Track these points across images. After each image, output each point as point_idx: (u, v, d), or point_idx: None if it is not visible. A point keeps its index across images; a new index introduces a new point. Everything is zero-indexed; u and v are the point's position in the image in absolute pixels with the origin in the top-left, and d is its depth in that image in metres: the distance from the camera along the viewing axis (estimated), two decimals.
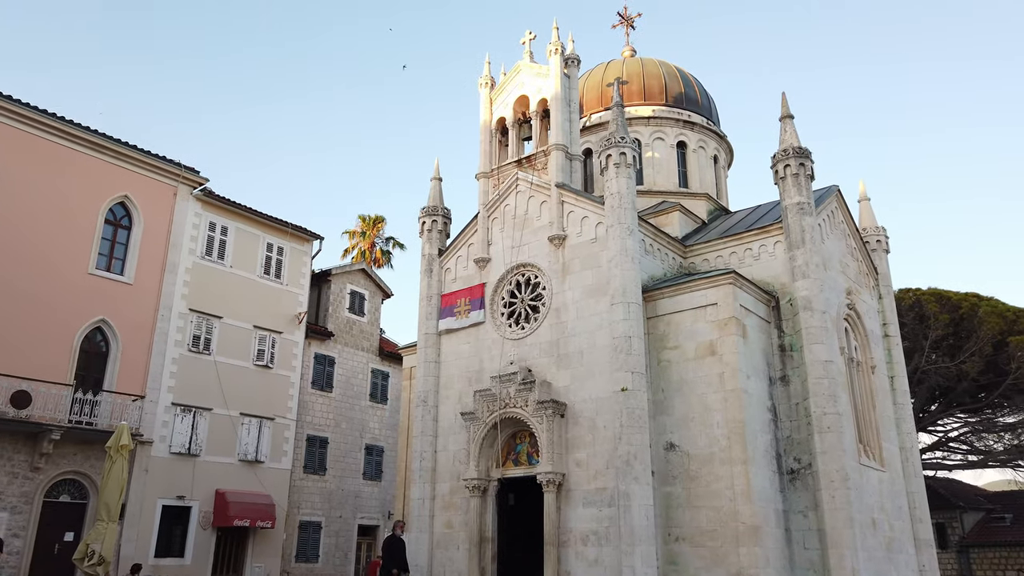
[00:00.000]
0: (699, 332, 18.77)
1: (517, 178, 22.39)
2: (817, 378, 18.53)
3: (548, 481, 18.75)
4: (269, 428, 29.89)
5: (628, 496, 17.12)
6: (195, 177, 29.25)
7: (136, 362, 26.43)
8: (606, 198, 19.74)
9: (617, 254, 19.01)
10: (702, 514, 17.56)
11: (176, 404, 27.12)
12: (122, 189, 27.35)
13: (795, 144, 20.58)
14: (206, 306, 28.76)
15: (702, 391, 18.33)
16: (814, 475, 18.23)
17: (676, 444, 18.40)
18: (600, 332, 19.38)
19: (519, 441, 20.35)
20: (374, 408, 35.41)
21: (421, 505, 21.15)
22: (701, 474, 17.82)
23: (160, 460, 26.38)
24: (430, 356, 22.54)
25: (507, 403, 19.95)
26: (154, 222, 28.02)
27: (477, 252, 22.67)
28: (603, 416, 18.72)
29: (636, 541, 16.77)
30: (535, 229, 21.67)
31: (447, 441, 21.69)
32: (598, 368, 19.19)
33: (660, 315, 19.43)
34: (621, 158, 19.73)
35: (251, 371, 29.77)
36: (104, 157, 26.97)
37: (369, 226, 56.86)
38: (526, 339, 20.90)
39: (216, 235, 29.82)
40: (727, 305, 18.43)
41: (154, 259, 27.78)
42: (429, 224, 23.94)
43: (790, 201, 20.13)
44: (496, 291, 22.08)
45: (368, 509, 34.03)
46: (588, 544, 18.10)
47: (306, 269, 33.27)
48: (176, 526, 26.62)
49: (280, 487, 29.88)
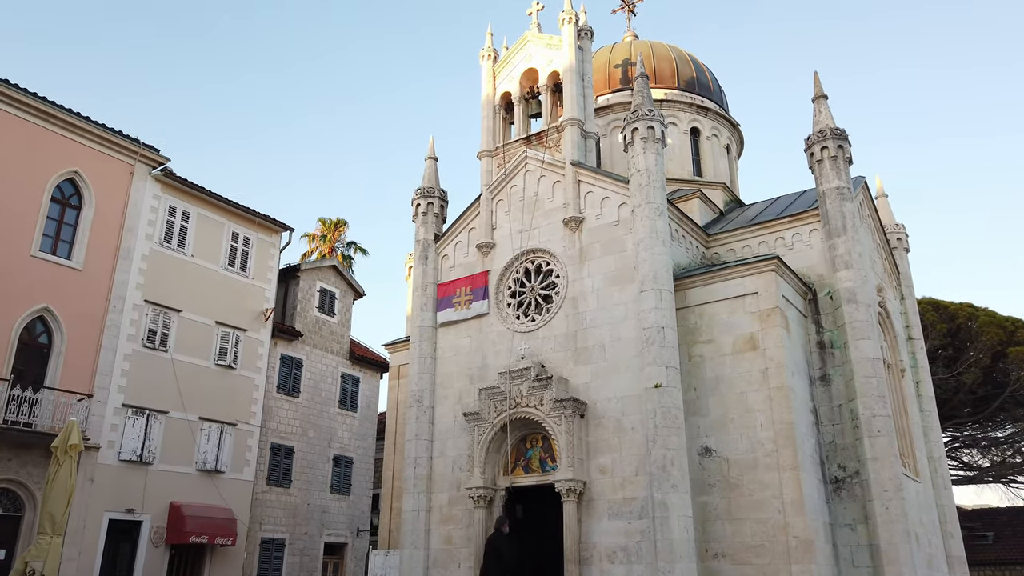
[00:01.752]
0: (737, 324, 16.90)
1: (526, 156, 20.34)
2: (865, 377, 16.80)
3: (568, 490, 16.58)
4: (231, 435, 27.03)
5: (665, 506, 15.05)
6: (154, 156, 26.43)
7: (83, 357, 23.42)
8: (632, 175, 17.81)
9: (646, 236, 17.06)
10: (746, 527, 15.58)
11: (127, 405, 24.14)
12: (71, 164, 24.42)
13: (831, 125, 18.99)
14: (163, 298, 25.89)
15: (742, 389, 16.42)
16: (863, 484, 16.43)
17: (712, 448, 16.43)
18: (625, 323, 17.37)
19: (530, 445, 18.13)
20: (343, 416, 32.71)
21: (415, 518, 18.72)
22: (743, 482, 15.87)
23: (108, 468, 23.35)
24: (426, 351, 20.20)
25: (518, 402, 17.75)
26: (107, 203, 25.11)
27: (480, 237, 20.49)
28: (631, 416, 16.66)
29: (675, 558, 14.68)
30: (547, 211, 19.61)
31: (445, 446, 19.34)
32: (623, 363, 17.16)
33: (691, 306, 17.52)
34: (649, 132, 17.85)
35: (212, 371, 26.92)
36: (51, 127, 24.03)
37: (330, 229, 54.35)
38: (537, 332, 18.76)
39: (176, 220, 27.00)
40: (770, 294, 16.61)
41: (106, 244, 24.85)
42: (424, 207, 21.68)
43: (828, 186, 18.49)
44: (502, 279, 19.93)
45: (336, 525, 31.24)
46: (615, 561, 15.94)
47: (274, 262, 30.58)
48: (124, 543, 23.56)
49: (242, 500, 26.99)
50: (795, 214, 19.11)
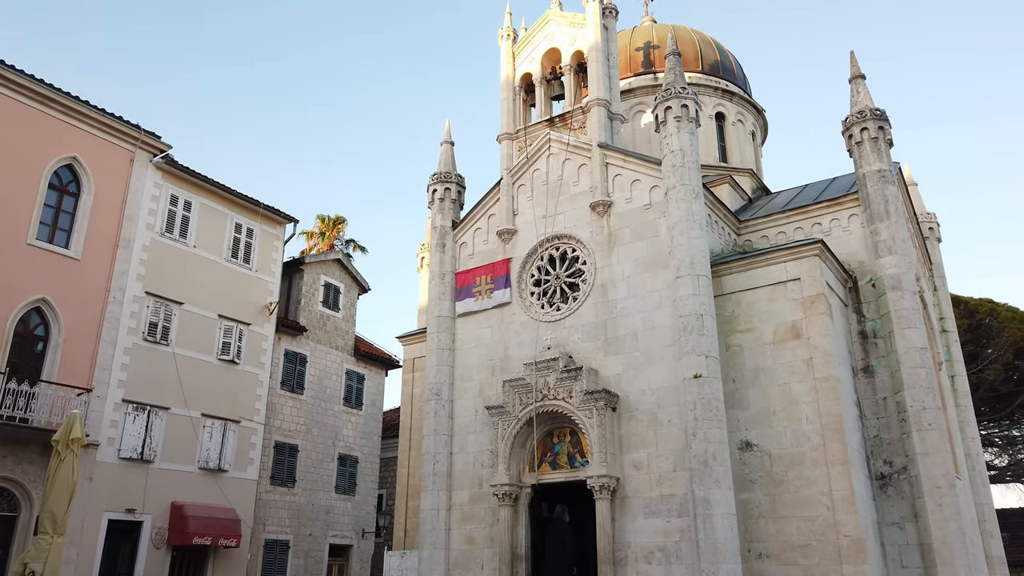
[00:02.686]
0: (778, 312, 16.04)
1: (549, 139, 19.44)
2: (912, 367, 15.95)
3: (601, 487, 15.67)
4: (234, 432, 26.01)
5: (708, 504, 14.16)
6: (155, 143, 25.41)
7: (81, 350, 22.38)
8: (665, 156, 16.94)
9: (681, 220, 16.18)
10: (791, 525, 14.70)
11: (128, 401, 23.10)
12: (70, 149, 23.39)
13: (871, 105, 18.17)
14: (165, 290, 24.87)
15: (784, 380, 15.56)
16: (911, 480, 15.58)
17: (753, 443, 15.55)
18: (659, 311, 16.49)
19: (557, 440, 17.22)
20: (348, 414, 31.71)
21: (435, 517, 17.78)
22: (788, 478, 14.99)
23: (107, 466, 22.30)
24: (444, 343, 19.26)
25: (545, 394, 16.84)
26: (106, 190, 24.08)
27: (500, 223, 19.59)
28: (667, 409, 15.77)
29: (720, 558, 13.78)
30: (572, 196, 18.72)
31: (465, 441, 18.41)
32: (658, 353, 16.27)
33: (727, 293, 16.66)
34: (682, 111, 16.98)
35: (215, 366, 25.90)
36: (49, 111, 22.99)
37: (328, 227, 53.35)
38: (564, 321, 17.86)
39: (178, 210, 25.99)
40: (813, 280, 15.75)
41: (105, 233, 23.81)
42: (441, 192, 20.74)
43: (869, 168, 17.66)
44: (525, 267, 19.02)
45: (341, 526, 30.23)
46: (652, 562, 15.04)
47: (278, 255, 29.59)
48: (124, 544, 22.51)
49: (245, 500, 25.95)
50: (833, 199, 18.27)
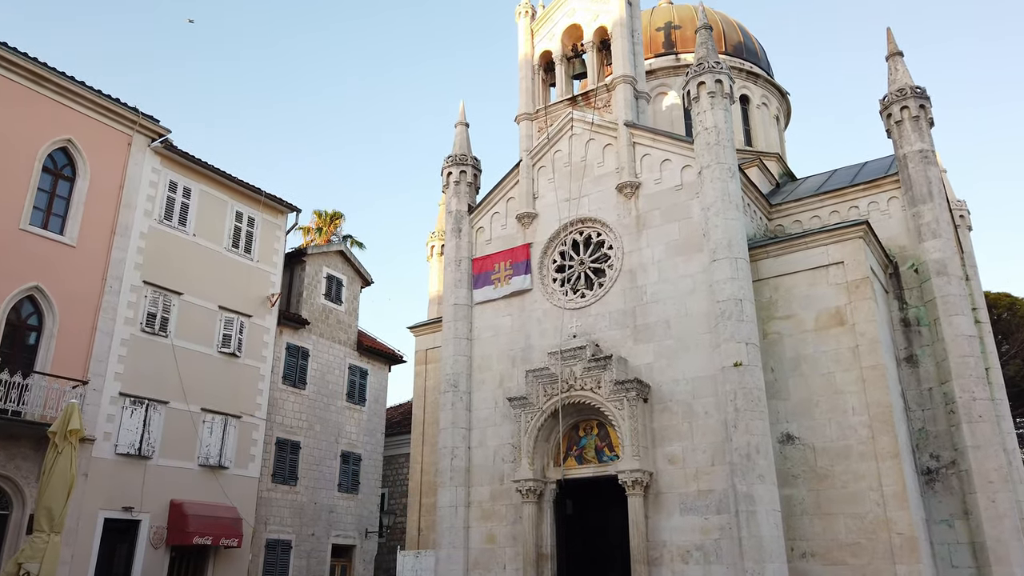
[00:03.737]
0: (819, 297, 15.18)
1: (572, 118, 18.55)
2: (961, 356, 15.13)
3: (634, 482, 14.77)
4: (235, 428, 24.99)
5: (751, 499, 13.28)
6: (154, 126, 24.37)
7: (77, 341, 21.34)
8: (699, 134, 16.08)
9: (717, 200, 15.31)
10: (838, 523, 13.84)
11: (125, 394, 22.06)
12: (65, 132, 22.34)
13: (911, 83, 17.36)
14: (164, 279, 23.83)
15: (828, 369, 14.70)
16: (961, 475, 14.75)
17: (795, 435, 14.69)
18: (693, 297, 15.61)
19: (583, 433, 16.32)
20: (351, 410, 30.71)
21: (453, 514, 16.84)
22: (833, 472, 14.13)
23: (103, 462, 21.25)
24: (461, 331, 18.34)
25: (571, 385, 15.93)
26: (103, 175, 23.04)
27: (520, 207, 18.68)
28: (703, 400, 14.90)
29: (765, 557, 12.90)
30: (597, 177, 17.83)
31: (484, 435, 17.49)
32: (692, 341, 15.40)
33: (764, 278, 15.80)
34: (716, 86, 16.13)
35: (215, 359, 24.89)
36: (43, 91, 21.94)
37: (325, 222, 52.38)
38: (589, 308, 16.97)
39: (177, 197, 24.97)
40: (858, 263, 14.91)
41: (102, 219, 22.77)
42: (456, 175, 19.81)
43: (910, 149, 16.84)
44: (546, 252, 18.12)
45: (343, 526, 29.23)
46: (690, 561, 14.15)
47: (279, 245, 28.57)
48: (121, 544, 21.47)
49: (247, 498, 24.93)
50: (871, 180, 17.44)
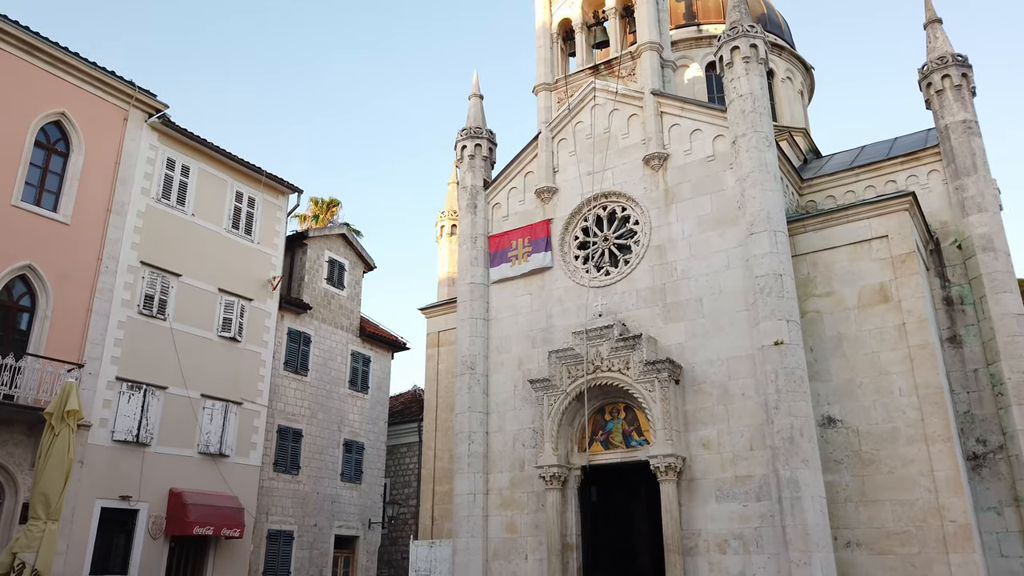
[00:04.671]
0: (862, 274, 14.39)
1: (594, 88, 17.67)
2: (1009, 336, 14.39)
3: (667, 467, 13.95)
4: (236, 415, 24.08)
5: (795, 485, 12.50)
6: (151, 101, 23.35)
7: (71, 323, 20.37)
8: (733, 101, 15.23)
9: (754, 170, 14.49)
10: (885, 510, 13.07)
11: (122, 379, 21.12)
12: (58, 104, 21.34)
13: (951, 51, 16.56)
14: (162, 260, 22.88)
15: (872, 349, 13.91)
16: (1010, 461, 14.01)
17: (837, 418, 13.90)
18: (728, 273, 14.80)
19: (610, 417, 15.49)
20: (354, 397, 29.85)
21: (471, 502, 16.00)
22: (879, 457, 13.35)
23: (100, 449, 20.33)
24: (477, 312, 17.48)
25: (597, 366, 15.11)
26: (98, 151, 22.05)
27: (539, 181, 17.82)
28: (740, 381, 14.10)
29: (811, 546, 12.13)
30: (621, 149, 16.97)
31: (503, 419, 16.65)
32: (727, 319, 14.58)
33: (802, 254, 14.99)
34: (751, 51, 15.30)
35: (215, 344, 23.97)
36: (35, 61, 20.90)
37: (322, 210, 51.49)
38: (615, 286, 16.13)
39: (175, 175, 23.99)
40: (904, 237, 14.11)
41: (97, 196, 21.78)
42: (471, 149, 18.92)
43: (952, 119, 16.06)
44: (567, 229, 17.27)
45: (346, 517, 28.39)
46: (728, 551, 13.36)
47: (281, 227, 27.62)
48: (118, 534, 20.56)
49: (248, 488, 24.03)
50: (910, 153, 16.65)
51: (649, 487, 15.03)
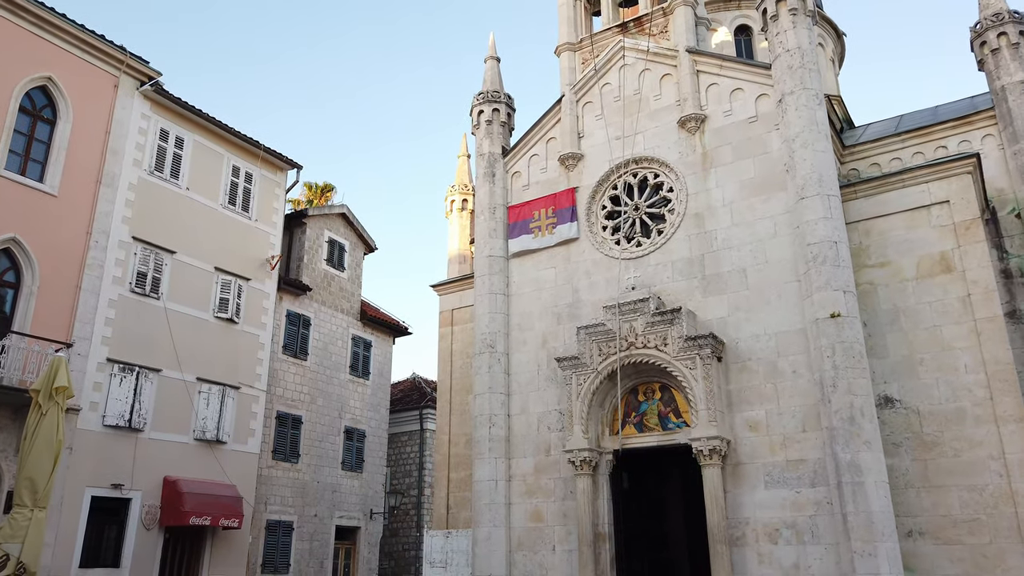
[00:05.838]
0: (920, 242, 13.31)
1: (623, 47, 16.49)
2: None
3: (711, 451, 12.85)
4: (233, 399, 22.87)
5: (857, 469, 11.43)
6: (143, 68, 22.05)
7: (59, 300, 19.12)
8: (779, 57, 14.09)
9: (803, 130, 13.37)
10: (950, 496, 12.03)
11: (113, 360, 19.88)
12: (44, 68, 20.03)
13: (1007, 7, 15.49)
14: (155, 236, 21.62)
15: (933, 322, 12.85)
16: None
17: (895, 398, 12.84)
18: (774, 242, 13.69)
19: (643, 397, 14.36)
20: (355, 383, 28.66)
21: (492, 489, 14.87)
22: (943, 439, 12.30)
23: (90, 435, 19.09)
24: (497, 286, 16.32)
25: (631, 342, 13.98)
26: (87, 119, 20.74)
27: (563, 147, 16.66)
28: (790, 357, 13.00)
29: (876, 535, 11.07)
30: (654, 112, 15.81)
31: (526, 401, 15.52)
32: (774, 291, 13.48)
33: (853, 222, 13.89)
34: (799, 3, 14.14)
35: (211, 325, 22.72)
36: (20, 22, 19.61)
37: (316, 195, 50.20)
38: (648, 258, 14.99)
39: (169, 146, 22.70)
40: (967, 202, 13.03)
41: (86, 167, 20.49)
42: (489, 114, 17.71)
43: (1009, 80, 15.01)
44: (594, 197, 16.12)
45: (348, 506, 27.23)
46: (779, 541, 12.29)
47: (279, 204, 26.42)
48: (110, 525, 19.36)
49: (246, 476, 22.84)
50: (962, 117, 15.58)
51: (684, 473, 13.98)
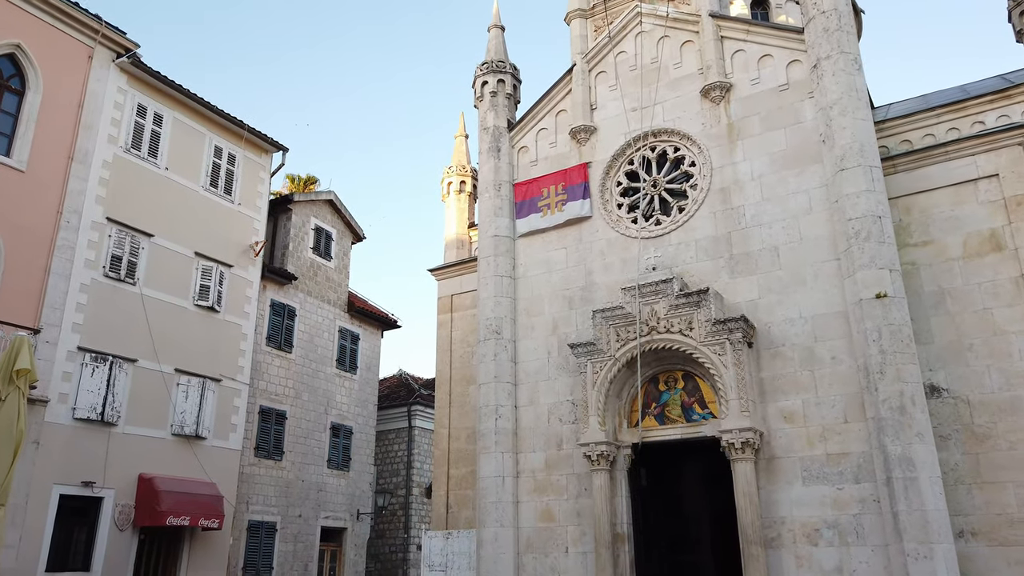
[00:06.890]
0: (967, 218, 12.32)
1: (640, 12, 15.39)
2: None
3: (743, 444, 11.76)
4: (214, 392, 21.53)
5: (909, 463, 10.39)
6: (120, 39, 20.68)
7: (25, 283, 17.73)
8: (814, 19, 13.06)
9: (842, 97, 12.34)
10: (1006, 494, 11.02)
11: (84, 349, 18.50)
12: (11, 35, 18.64)
13: None
14: (131, 217, 20.26)
15: (983, 305, 11.85)
16: None
17: (942, 387, 11.83)
18: (809, 218, 12.64)
19: (665, 387, 13.26)
20: (342, 377, 27.38)
21: (499, 486, 13.68)
22: (996, 431, 11.30)
23: (58, 428, 17.70)
24: (503, 268, 15.15)
25: (653, 327, 12.87)
26: (59, 91, 19.36)
27: (574, 120, 15.53)
28: (829, 343, 11.95)
29: (932, 536, 10.04)
30: (673, 81, 14.73)
31: (535, 391, 14.36)
32: (810, 271, 12.43)
33: (893, 197, 12.86)
34: None
35: (191, 313, 21.38)
36: None
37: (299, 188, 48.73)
38: (668, 237, 13.89)
39: (147, 123, 21.34)
40: (1018, 176, 12.06)
41: (57, 142, 19.11)
42: (493, 85, 16.53)
43: None
44: (608, 173, 14.99)
45: (334, 507, 25.94)
46: (820, 543, 11.22)
47: (264, 188, 25.12)
48: (80, 525, 17.97)
49: (227, 474, 21.52)
50: (1000, 91, 14.56)
51: (708, 469, 12.88)
